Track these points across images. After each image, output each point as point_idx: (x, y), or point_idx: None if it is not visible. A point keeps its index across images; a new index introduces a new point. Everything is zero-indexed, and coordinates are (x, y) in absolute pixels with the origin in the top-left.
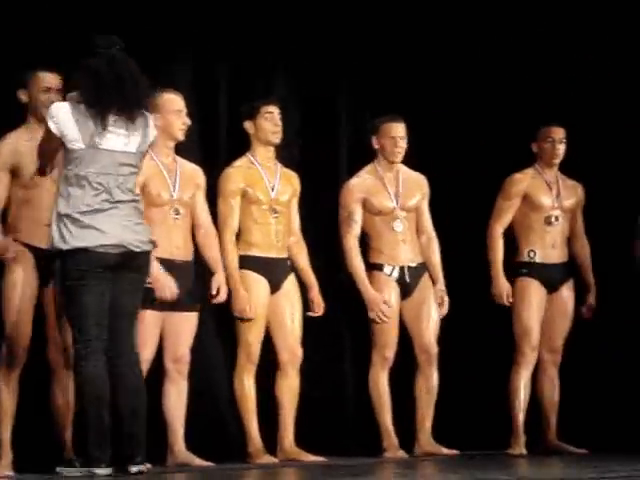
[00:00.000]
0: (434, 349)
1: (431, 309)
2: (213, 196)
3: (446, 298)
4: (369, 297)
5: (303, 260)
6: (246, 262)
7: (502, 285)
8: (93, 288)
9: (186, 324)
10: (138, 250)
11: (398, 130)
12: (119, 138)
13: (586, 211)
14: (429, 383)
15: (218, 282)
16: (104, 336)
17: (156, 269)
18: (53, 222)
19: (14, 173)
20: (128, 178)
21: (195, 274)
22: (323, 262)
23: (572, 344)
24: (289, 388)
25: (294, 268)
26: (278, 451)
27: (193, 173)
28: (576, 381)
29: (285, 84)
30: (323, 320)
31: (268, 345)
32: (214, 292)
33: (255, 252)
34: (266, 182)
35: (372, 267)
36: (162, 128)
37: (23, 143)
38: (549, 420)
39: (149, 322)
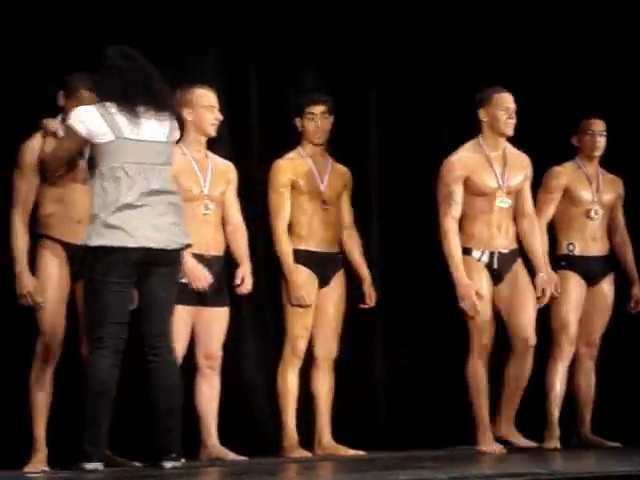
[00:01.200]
0: (532, 338)
1: (525, 297)
2: (245, 191)
3: (548, 290)
4: (462, 286)
5: (356, 253)
6: (296, 256)
7: (551, 274)
8: (115, 286)
9: (217, 320)
10: (168, 249)
11: (510, 101)
12: (149, 128)
13: (627, 205)
14: (522, 371)
15: (243, 272)
16: (122, 335)
17: (190, 261)
18: (90, 220)
19: (40, 170)
20: (163, 168)
21: (226, 269)
22: None
23: (610, 337)
24: (325, 383)
25: (346, 262)
26: (316, 446)
27: (225, 168)
28: (613, 375)
29: (314, 81)
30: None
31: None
32: (238, 282)
33: (305, 246)
34: (315, 175)
35: (463, 251)
36: (194, 123)
37: (52, 142)
38: (584, 414)
39: (180, 317)
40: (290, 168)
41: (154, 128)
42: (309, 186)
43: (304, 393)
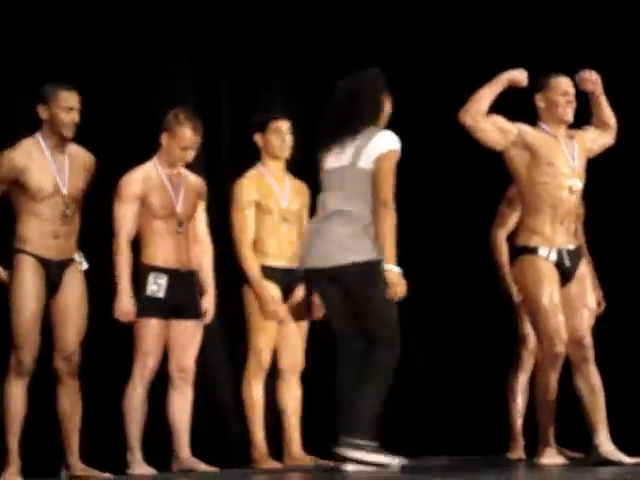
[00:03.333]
0: (590, 343)
1: (587, 299)
2: (216, 208)
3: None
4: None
5: None
6: (261, 272)
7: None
8: (324, 301)
9: (191, 332)
10: (344, 263)
11: (569, 85)
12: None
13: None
14: (592, 384)
15: (207, 304)
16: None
17: (124, 293)
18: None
19: (19, 185)
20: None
21: (198, 283)
22: None
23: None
24: (292, 395)
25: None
26: (285, 457)
27: (196, 184)
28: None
29: (284, 97)
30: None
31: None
32: (203, 311)
33: (269, 262)
34: (277, 192)
35: (524, 251)
36: (167, 146)
37: (34, 155)
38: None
39: (153, 331)
40: (253, 187)
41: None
42: (272, 204)
43: (274, 404)
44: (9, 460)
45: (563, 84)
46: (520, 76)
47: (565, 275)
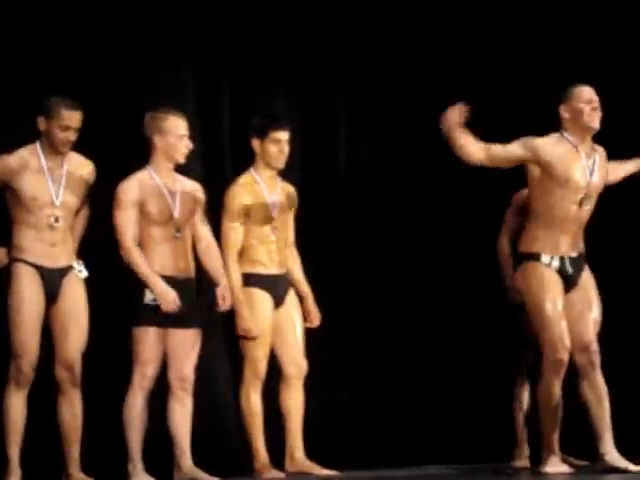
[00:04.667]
0: (596, 349)
1: (593, 305)
2: (217, 212)
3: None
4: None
5: (297, 271)
6: (251, 280)
7: None
8: None
9: (189, 342)
10: None
11: (592, 93)
12: None
13: None
14: (598, 392)
15: (222, 290)
16: None
17: (159, 285)
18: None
19: (13, 192)
20: None
21: (197, 291)
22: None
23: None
24: (295, 401)
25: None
26: (288, 464)
27: (192, 190)
28: None
29: (286, 100)
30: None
31: (272, 359)
32: (220, 301)
33: (259, 269)
34: (269, 201)
35: (527, 257)
36: (164, 150)
37: (28, 164)
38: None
39: (152, 339)
40: (245, 194)
41: None
42: (263, 213)
43: (276, 411)
44: (10, 470)
45: (587, 92)
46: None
47: (568, 282)
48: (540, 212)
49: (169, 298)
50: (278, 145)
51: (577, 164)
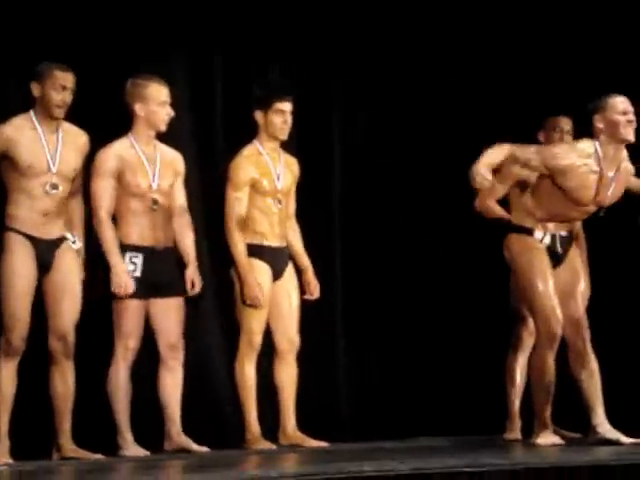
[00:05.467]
0: (586, 324)
1: (581, 279)
2: (207, 187)
3: None
4: None
5: (297, 244)
6: (251, 250)
7: None
8: None
9: (174, 310)
10: None
11: (628, 103)
12: None
13: None
14: (589, 366)
15: (191, 274)
16: None
17: (118, 265)
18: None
19: (9, 159)
20: None
21: (177, 260)
22: None
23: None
24: (288, 375)
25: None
26: (280, 436)
27: (173, 160)
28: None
29: (280, 74)
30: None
31: (266, 333)
32: (189, 285)
33: (259, 241)
34: (273, 172)
35: (518, 230)
36: (145, 118)
37: (25, 131)
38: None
39: (132, 311)
40: (251, 165)
41: None
42: (267, 184)
43: (268, 384)
44: None
45: (622, 103)
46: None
47: (555, 260)
48: (544, 204)
49: (121, 282)
50: (282, 116)
51: (591, 183)
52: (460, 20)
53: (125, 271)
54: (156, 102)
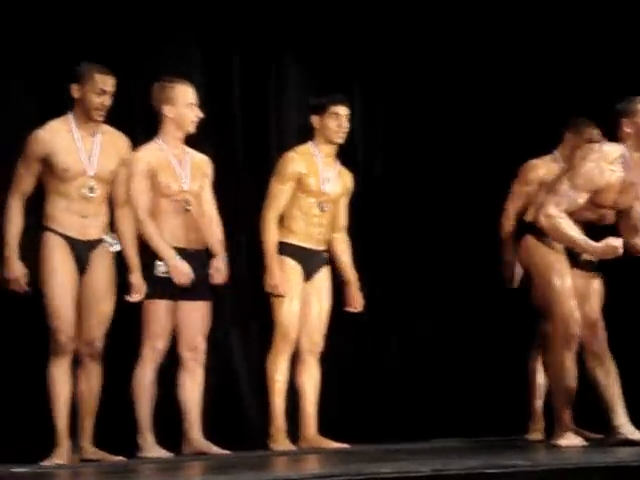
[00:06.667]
0: (602, 325)
1: (595, 282)
2: (228, 184)
3: None
4: None
5: (345, 257)
6: (284, 249)
7: None
8: None
9: (200, 313)
10: None
11: None
12: None
13: None
14: (607, 367)
15: (217, 263)
16: None
17: (173, 258)
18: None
19: (46, 164)
20: None
21: (208, 263)
22: None
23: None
24: (310, 377)
25: (333, 262)
26: (301, 439)
27: (201, 163)
28: None
29: (297, 72)
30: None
31: None
32: (212, 271)
33: (294, 240)
34: (320, 174)
35: (534, 229)
36: (174, 120)
37: (61, 134)
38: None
39: (162, 312)
40: (302, 161)
41: None
42: (313, 184)
43: (290, 386)
44: (59, 442)
45: None
46: None
47: (572, 260)
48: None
49: (183, 271)
50: (337, 119)
51: (615, 187)
52: (480, 22)
53: (182, 261)
54: (183, 103)
